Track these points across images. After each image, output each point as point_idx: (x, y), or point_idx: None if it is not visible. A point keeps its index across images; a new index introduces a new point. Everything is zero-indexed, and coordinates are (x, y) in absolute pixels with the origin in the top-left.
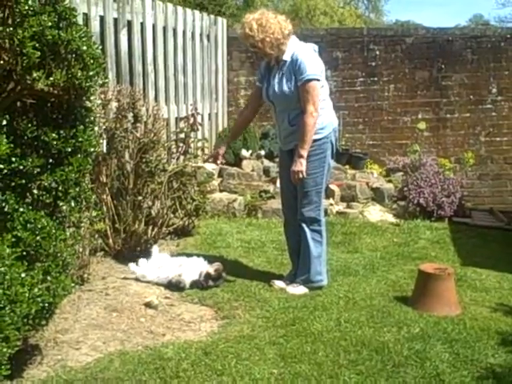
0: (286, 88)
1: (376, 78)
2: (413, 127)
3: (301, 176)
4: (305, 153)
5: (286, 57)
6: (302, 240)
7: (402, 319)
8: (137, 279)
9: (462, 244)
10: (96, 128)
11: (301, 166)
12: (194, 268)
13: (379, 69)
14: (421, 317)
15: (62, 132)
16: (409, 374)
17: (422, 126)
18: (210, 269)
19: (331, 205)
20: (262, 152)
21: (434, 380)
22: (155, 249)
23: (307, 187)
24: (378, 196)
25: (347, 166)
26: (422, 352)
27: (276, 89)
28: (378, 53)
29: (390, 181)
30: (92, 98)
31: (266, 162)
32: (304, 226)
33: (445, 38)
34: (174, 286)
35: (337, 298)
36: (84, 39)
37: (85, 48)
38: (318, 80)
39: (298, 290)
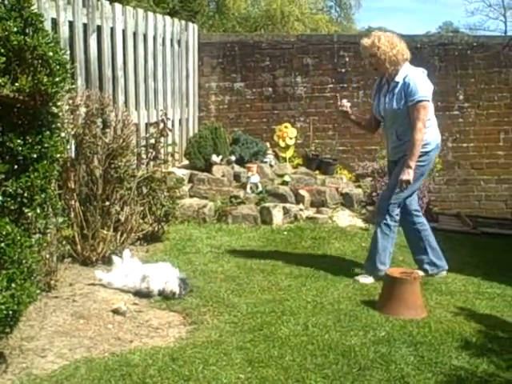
0: (395, 106)
1: (346, 85)
2: (382, 133)
3: (408, 184)
4: (413, 164)
5: (399, 78)
6: (374, 233)
7: (368, 323)
8: (104, 286)
9: None
10: (63, 134)
11: (408, 175)
12: (161, 276)
13: (349, 75)
14: (387, 320)
15: (27, 138)
16: (374, 377)
17: None
18: (175, 284)
19: (301, 210)
20: (233, 157)
21: (399, 382)
22: (127, 253)
23: (402, 190)
24: (347, 201)
25: (317, 172)
26: (388, 355)
27: (387, 106)
28: (347, 59)
29: (359, 186)
30: (59, 103)
31: (237, 168)
32: (377, 225)
33: (413, 45)
34: (142, 294)
35: (305, 302)
36: (51, 45)
37: (51, 54)
38: (428, 101)
39: (367, 280)
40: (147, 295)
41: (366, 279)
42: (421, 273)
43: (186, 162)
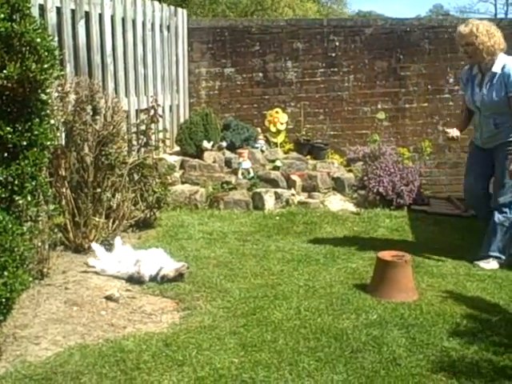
0: (495, 97)
1: (336, 69)
2: (372, 117)
3: None
4: None
5: (496, 68)
6: (491, 223)
7: (360, 306)
8: (97, 273)
9: (420, 231)
10: (53, 121)
11: None
12: (153, 262)
13: (339, 59)
14: (379, 303)
15: (17, 126)
16: (366, 359)
17: (381, 115)
18: (171, 269)
19: (292, 195)
20: (224, 143)
21: (391, 364)
22: (118, 240)
23: (507, 180)
24: (338, 186)
25: (308, 157)
26: (380, 337)
27: (485, 97)
28: (337, 44)
29: (350, 170)
30: (48, 90)
31: (228, 154)
32: (496, 211)
33: (403, 29)
34: (134, 280)
35: (297, 286)
36: (38, 31)
37: (39, 40)
38: None
39: (490, 265)
40: (138, 280)
41: (487, 265)
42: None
43: (177, 148)
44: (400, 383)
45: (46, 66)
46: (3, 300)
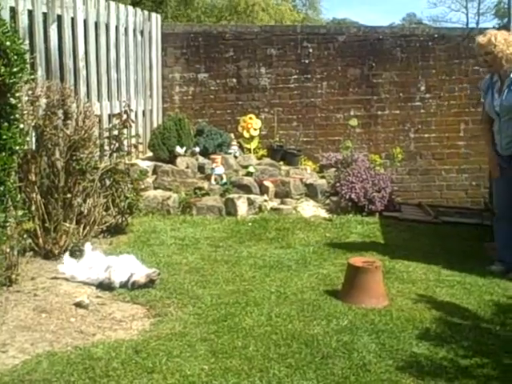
0: None
1: (309, 76)
2: (345, 124)
3: None
4: None
5: None
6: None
7: (331, 312)
8: (67, 280)
9: (391, 238)
10: (22, 125)
11: None
12: (124, 268)
13: (312, 66)
14: (350, 309)
15: None
16: (337, 365)
17: (353, 122)
18: (142, 275)
19: (265, 201)
20: (197, 149)
21: (361, 370)
22: (88, 247)
23: None
24: (311, 192)
25: (281, 163)
26: (350, 343)
27: (504, 102)
28: (311, 50)
29: (323, 177)
30: (17, 94)
31: (201, 159)
32: None
33: (375, 37)
34: (104, 286)
35: (269, 293)
36: (8, 34)
37: (9, 43)
38: None
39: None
40: (109, 286)
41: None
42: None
43: (149, 153)
44: None
45: (15, 69)
46: None
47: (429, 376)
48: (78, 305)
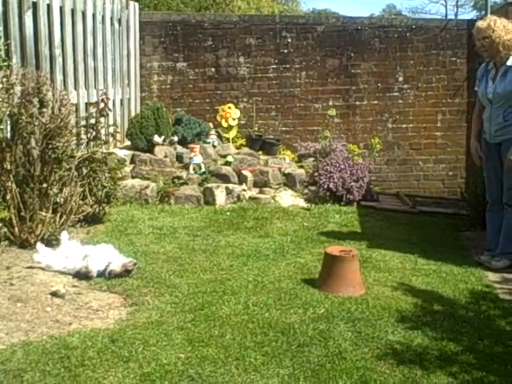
0: (507, 88)
1: (288, 65)
2: (324, 114)
3: None
4: None
5: (510, 62)
6: (504, 220)
7: (308, 301)
8: (43, 269)
9: (369, 227)
10: None
11: None
12: (101, 257)
13: (291, 56)
14: (326, 298)
15: None
16: (313, 353)
17: (332, 112)
18: (118, 264)
19: (244, 190)
20: (175, 138)
21: (337, 358)
22: (64, 235)
23: None
24: (289, 181)
25: (260, 152)
26: (326, 332)
27: (497, 89)
28: (290, 40)
29: (301, 166)
30: None
31: (179, 148)
32: (508, 208)
33: (354, 27)
34: (81, 275)
35: (246, 281)
36: None
37: None
38: None
39: (501, 263)
40: (86, 275)
41: (498, 263)
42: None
43: (127, 142)
44: (345, 376)
45: None
46: None
47: (404, 363)
48: (54, 294)
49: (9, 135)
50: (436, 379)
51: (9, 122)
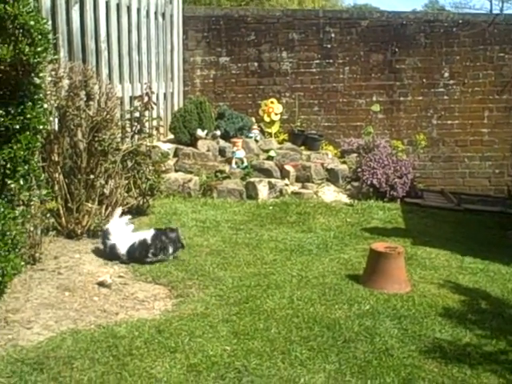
0: None
1: (331, 60)
2: (367, 109)
3: None
4: None
5: None
6: None
7: (353, 297)
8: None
9: (413, 224)
10: (46, 105)
11: None
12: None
13: (335, 51)
14: (371, 294)
15: (9, 109)
16: (359, 349)
17: (376, 108)
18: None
19: (286, 185)
20: (218, 132)
21: (384, 355)
22: (118, 211)
23: None
24: (332, 177)
25: (303, 147)
26: (372, 328)
27: None
28: (333, 35)
29: (344, 162)
30: (41, 74)
31: (222, 143)
32: None
33: (399, 22)
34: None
35: (290, 276)
36: (32, 14)
37: (32, 23)
38: None
39: None
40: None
41: None
42: None
43: (171, 136)
44: (392, 373)
45: (39, 49)
46: None
47: (452, 362)
48: (101, 284)
49: (56, 127)
50: (486, 379)
51: (56, 115)
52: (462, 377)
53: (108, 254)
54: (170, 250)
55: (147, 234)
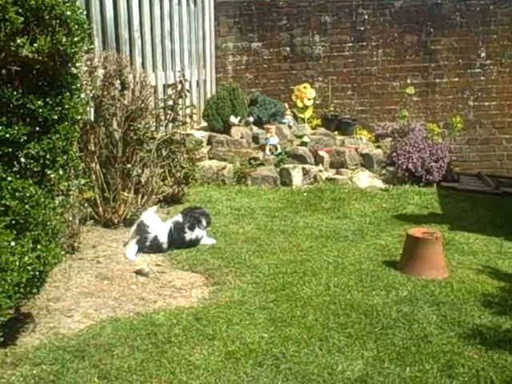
0: None
1: (365, 43)
2: (401, 92)
3: None
4: None
5: None
6: None
7: (390, 283)
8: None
9: (450, 208)
10: (82, 95)
11: None
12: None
13: (368, 33)
14: (409, 280)
15: (47, 99)
16: (397, 336)
17: (410, 90)
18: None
19: (320, 171)
20: (251, 119)
21: (422, 341)
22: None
23: None
24: (366, 162)
25: (336, 132)
26: (410, 314)
27: None
28: (366, 17)
29: (378, 146)
30: (78, 64)
31: (255, 129)
32: None
33: (433, 2)
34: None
35: (326, 263)
36: (68, 4)
37: (69, 13)
38: None
39: None
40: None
41: None
42: None
43: (204, 123)
44: (431, 360)
45: (76, 39)
46: (37, 273)
47: (493, 349)
48: (139, 272)
49: (92, 117)
50: None
51: (92, 105)
52: (503, 363)
53: (149, 246)
54: (204, 222)
55: (177, 216)
